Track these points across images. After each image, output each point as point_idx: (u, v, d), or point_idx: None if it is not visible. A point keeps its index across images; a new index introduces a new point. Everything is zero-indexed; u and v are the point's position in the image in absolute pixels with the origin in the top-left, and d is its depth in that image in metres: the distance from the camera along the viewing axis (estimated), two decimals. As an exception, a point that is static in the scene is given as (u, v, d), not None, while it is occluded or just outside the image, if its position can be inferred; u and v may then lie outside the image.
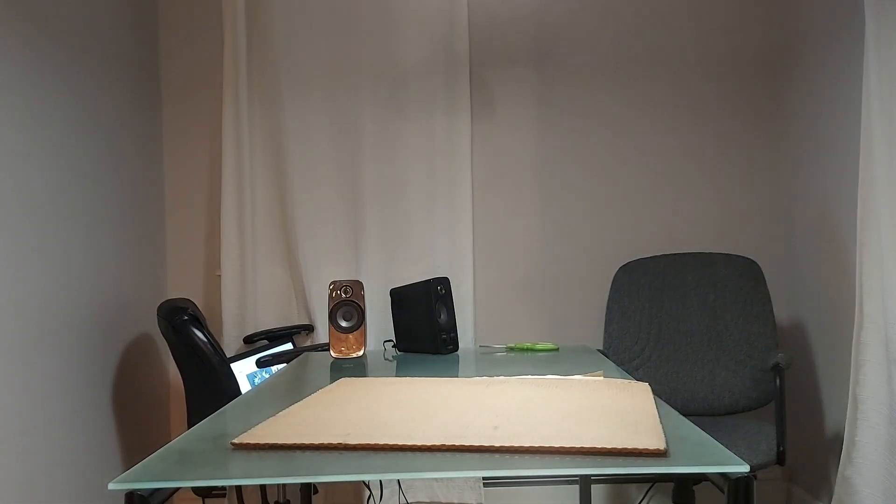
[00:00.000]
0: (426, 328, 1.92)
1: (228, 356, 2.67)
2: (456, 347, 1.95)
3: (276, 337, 2.83)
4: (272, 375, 1.67)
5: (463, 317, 2.85)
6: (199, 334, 2.28)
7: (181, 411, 2.99)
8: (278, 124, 2.86)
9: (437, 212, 2.87)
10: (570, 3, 2.95)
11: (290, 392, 1.43)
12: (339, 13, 2.85)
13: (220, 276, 2.87)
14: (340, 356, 1.90)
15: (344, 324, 1.90)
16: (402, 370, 1.71)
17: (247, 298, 2.84)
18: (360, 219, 2.84)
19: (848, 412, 2.19)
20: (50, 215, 2.16)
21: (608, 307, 2.68)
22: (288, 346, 2.82)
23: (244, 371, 2.60)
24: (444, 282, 1.92)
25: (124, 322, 2.62)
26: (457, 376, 1.55)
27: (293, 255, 2.87)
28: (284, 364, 2.39)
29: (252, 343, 2.83)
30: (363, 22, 2.84)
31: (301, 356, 2.02)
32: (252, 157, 2.87)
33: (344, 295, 1.90)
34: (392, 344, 2.05)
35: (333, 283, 1.91)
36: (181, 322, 2.28)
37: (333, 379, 1.58)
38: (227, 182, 2.82)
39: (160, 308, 2.37)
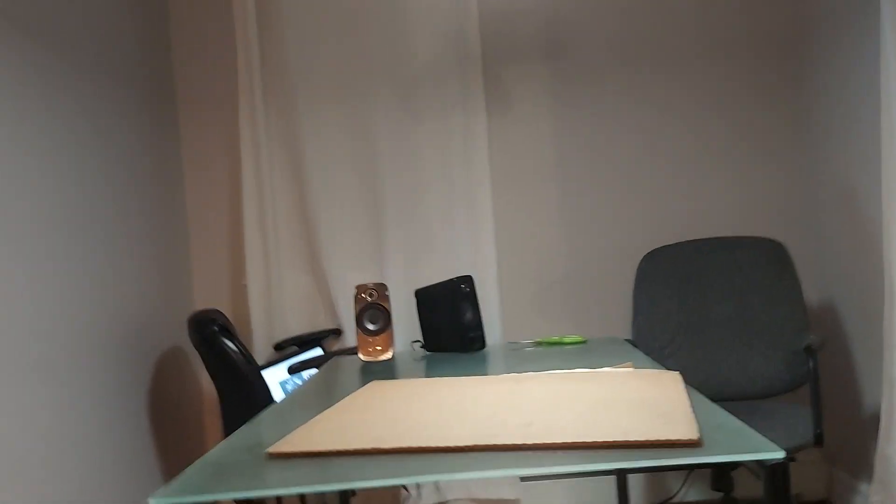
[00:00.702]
0: (453, 327, 1.92)
1: (259, 364, 2.70)
2: (483, 345, 1.95)
3: (305, 342, 2.85)
4: (304, 382, 1.69)
5: (489, 314, 2.86)
6: (230, 344, 2.31)
7: (216, 421, 3.03)
8: (295, 131, 2.88)
9: (457, 210, 2.87)
10: (580, -7, 2.94)
11: (321, 397, 1.44)
12: (349, 18, 2.86)
13: (245, 285, 2.90)
14: (369, 359, 1.91)
15: (371, 327, 1.91)
16: (431, 370, 1.72)
17: (274, 306, 2.87)
18: (382, 221, 2.86)
19: (883, 392, 2.16)
20: (72, 236, 2.20)
21: (634, 297, 2.67)
22: (317, 351, 2.85)
23: (276, 378, 2.62)
24: (468, 280, 1.92)
25: (154, 336, 2.65)
26: (486, 374, 1.56)
27: (317, 261, 2.89)
28: (315, 369, 2.41)
29: (282, 350, 2.86)
30: (374, 25, 2.85)
31: (331, 361, 2.04)
32: (271, 165, 2.90)
33: (369, 298, 1.92)
34: (420, 344, 2.06)
35: (358, 286, 1.92)
36: (211, 333, 2.31)
37: (364, 382, 1.59)
38: (247, 192, 2.84)
39: (190, 320, 2.40)
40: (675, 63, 2.93)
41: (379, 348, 1.91)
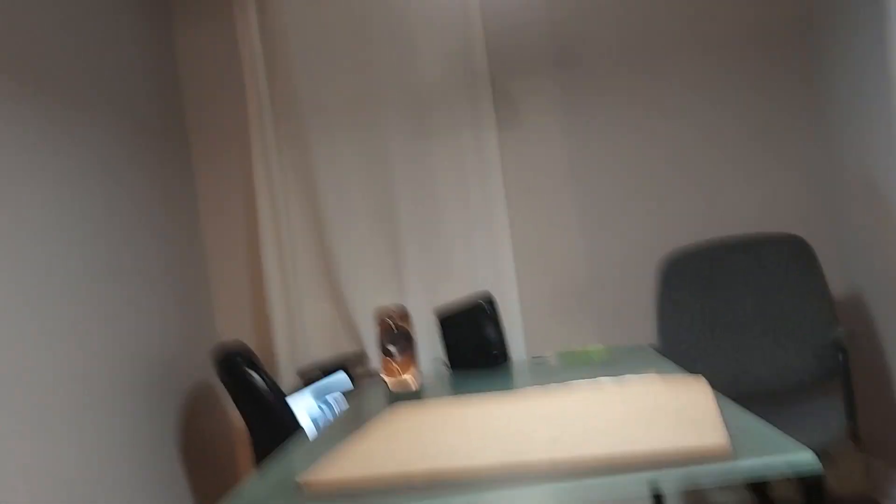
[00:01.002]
0: (475, 344, 1.92)
1: (286, 392, 2.70)
2: (507, 360, 1.95)
3: (329, 368, 2.86)
4: (331, 408, 1.69)
5: (511, 327, 2.85)
6: (255, 375, 2.32)
7: (248, 453, 3.03)
8: (308, 160, 2.90)
9: (474, 227, 2.88)
10: (581, 2, 2.95)
11: (348, 424, 1.44)
12: (355, 45, 2.89)
13: (268, 314, 2.92)
14: (394, 381, 1.92)
15: (393, 350, 1.92)
16: (456, 389, 1.72)
17: (296, 333, 2.88)
18: (399, 243, 2.86)
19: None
20: (95, 281, 2.23)
21: (657, 302, 2.65)
22: (342, 376, 2.85)
23: (304, 406, 2.63)
24: (488, 297, 1.93)
25: (181, 372, 2.67)
26: (511, 389, 1.55)
27: (336, 286, 2.90)
28: (341, 394, 2.41)
29: (307, 377, 2.86)
30: (380, 49, 2.88)
31: (357, 385, 2.04)
32: (286, 194, 2.92)
33: (390, 321, 1.92)
34: (444, 363, 2.06)
35: (378, 309, 1.93)
36: (235, 366, 2.32)
37: (389, 406, 1.59)
38: (264, 222, 2.87)
39: (214, 354, 2.41)
40: (683, 64, 2.93)
41: (403, 371, 1.91)
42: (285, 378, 2.86)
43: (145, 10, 2.82)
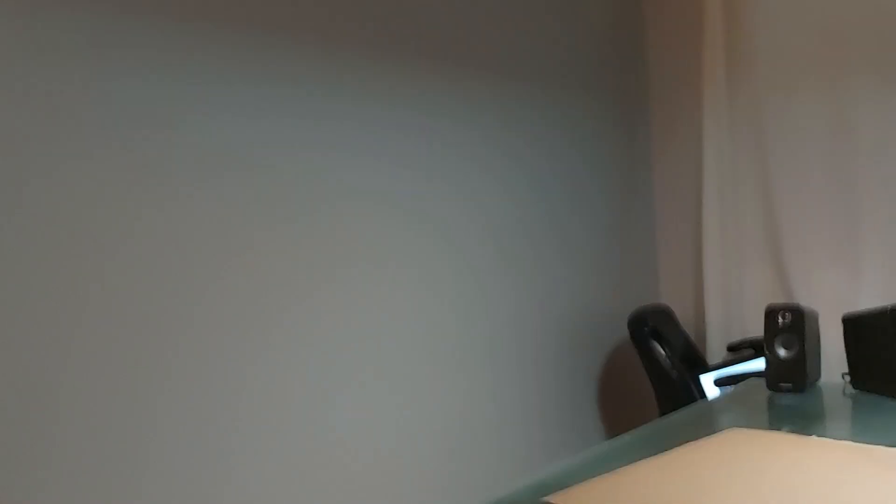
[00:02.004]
0: (886, 364, 1.57)
1: (711, 364, 2.59)
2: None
3: (761, 346, 2.63)
4: (694, 405, 1.60)
5: None
6: (658, 347, 2.29)
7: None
8: (759, 120, 2.64)
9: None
10: None
11: (675, 435, 1.35)
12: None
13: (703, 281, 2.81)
14: (779, 391, 1.70)
15: (783, 353, 1.69)
16: (854, 420, 1.44)
17: (731, 304, 2.72)
18: (858, 215, 2.43)
19: None
20: (544, 231, 2.49)
21: None
22: (760, 362, 2.60)
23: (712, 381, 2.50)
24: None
25: (609, 328, 2.77)
26: None
27: (778, 257, 2.62)
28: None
29: (737, 352, 2.69)
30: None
31: (747, 381, 1.87)
32: (734, 153, 2.72)
33: (782, 320, 1.69)
34: (849, 379, 1.73)
35: (769, 307, 1.72)
36: (641, 335, 2.33)
37: (758, 420, 1.43)
38: (708, 184, 2.74)
39: (629, 317, 2.45)
40: None
41: (792, 378, 1.68)
42: (715, 349, 2.74)
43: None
